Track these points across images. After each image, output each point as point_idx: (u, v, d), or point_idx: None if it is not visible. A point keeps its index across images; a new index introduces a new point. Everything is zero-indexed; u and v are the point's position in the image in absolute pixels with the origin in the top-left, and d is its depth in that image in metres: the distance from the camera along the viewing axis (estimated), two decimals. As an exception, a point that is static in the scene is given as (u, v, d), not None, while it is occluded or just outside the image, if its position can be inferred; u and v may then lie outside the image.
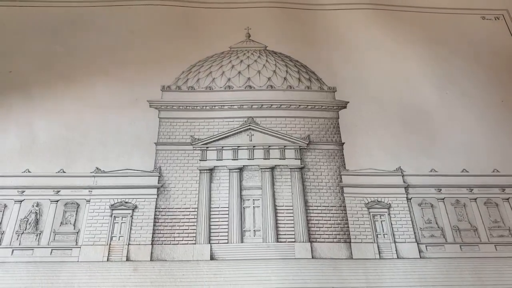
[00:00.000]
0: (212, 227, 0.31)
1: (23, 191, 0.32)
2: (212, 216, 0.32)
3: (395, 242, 0.31)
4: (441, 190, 0.34)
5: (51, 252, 0.30)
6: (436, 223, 0.32)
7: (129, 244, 0.30)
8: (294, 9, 0.41)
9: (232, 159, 0.34)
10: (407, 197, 0.33)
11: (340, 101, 0.37)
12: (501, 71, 0.40)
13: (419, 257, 0.31)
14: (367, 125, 0.35)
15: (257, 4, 0.41)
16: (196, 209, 0.32)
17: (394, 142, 0.35)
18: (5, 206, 0.31)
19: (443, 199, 0.33)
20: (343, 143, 0.35)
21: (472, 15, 0.44)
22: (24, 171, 0.32)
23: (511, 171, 0.35)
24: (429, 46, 0.40)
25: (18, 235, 0.30)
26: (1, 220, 0.30)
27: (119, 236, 0.31)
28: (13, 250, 0.30)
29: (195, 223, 0.31)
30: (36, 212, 0.32)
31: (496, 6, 0.45)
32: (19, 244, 0.30)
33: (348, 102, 0.37)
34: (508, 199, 0.33)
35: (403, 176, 0.34)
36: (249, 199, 0.33)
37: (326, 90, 0.37)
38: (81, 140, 0.33)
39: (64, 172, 0.32)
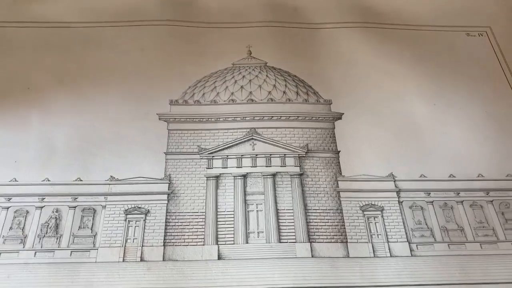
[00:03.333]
0: (219, 229, 0.34)
1: (43, 198, 0.34)
2: (219, 220, 0.34)
3: (388, 241, 0.34)
4: (430, 194, 0.36)
5: (70, 254, 0.32)
6: (426, 224, 0.35)
7: (142, 245, 0.33)
8: (292, 28, 0.44)
9: (237, 167, 0.36)
10: (398, 201, 0.36)
11: (335, 112, 0.40)
12: (484, 83, 0.43)
13: (410, 255, 0.33)
14: (361, 135, 0.38)
15: (258, 24, 0.44)
16: (204, 213, 0.34)
17: (386, 150, 0.38)
18: (27, 212, 0.33)
19: (432, 202, 0.36)
20: (339, 151, 0.37)
21: (457, 32, 0.47)
22: (44, 180, 0.35)
23: (495, 175, 0.37)
24: (418, 61, 0.43)
25: (40, 239, 0.32)
26: (24, 225, 0.33)
27: (133, 239, 0.33)
28: (35, 252, 0.32)
29: (203, 226, 0.34)
30: (56, 217, 0.34)
31: (479, 23, 0.48)
32: (41, 247, 0.32)
33: (343, 113, 0.39)
34: (492, 201, 0.36)
35: (394, 181, 0.36)
36: (252, 204, 0.35)
37: (322, 103, 0.40)
38: (96, 150, 0.36)
39: (81, 181, 0.35)
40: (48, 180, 0.34)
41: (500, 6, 0.48)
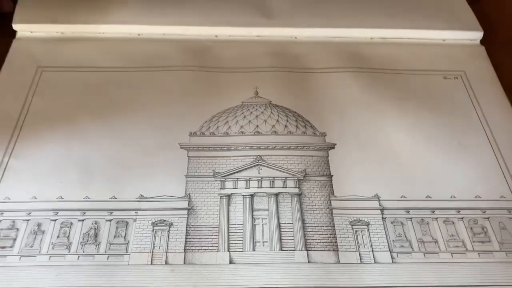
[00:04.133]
0: (230, 239, 0.40)
1: (84, 213, 0.41)
2: (230, 231, 0.40)
3: (373, 250, 0.39)
4: (409, 211, 0.42)
5: (107, 258, 0.38)
6: (405, 237, 0.40)
7: (167, 252, 0.39)
8: (292, 72, 0.51)
9: (245, 188, 0.43)
10: (382, 217, 0.42)
11: (329, 143, 0.46)
12: (458, 119, 0.49)
13: (391, 262, 0.39)
14: (350, 162, 0.45)
15: (264, 69, 0.51)
16: (217, 226, 0.41)
17: (372, 174, 0.44)
18: (71, 223, 0.40)
19: (410, 218, 0.42)
20: (332, 175, 0.44)
21: (435, 75, 0.54)
22: (85, 198, 0.41)
23: (464, 197, 0.43)
24: (400, 100, 0.50)
25: (82, 245, 0.39)
26: (69, 234, 0.39)
27: (159, 246, 0.39)
28: (79, 256, 0.38)
29: (217, 236, 0.40)
30: (95, 228, 0.41)
31: (455, 68, 0.55)
32: (83, 252, 0.38)
33: (336, 144, 0.46)
34: (462, 218, 0.42)
35: (379, 201, 0.42)
36: (258, 218, 0.42)
37: (318, 135, 0.47)
38: (128, 174, 0.43)
39: (116, 198, 0.41)
40: (88, 198, 0.41)
41: (473, 54, 0.55)
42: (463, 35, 0.57)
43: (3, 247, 0.38)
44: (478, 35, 0.56)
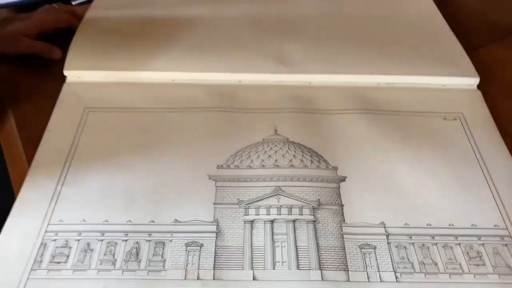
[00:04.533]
0: (253, 258, 0.45)
1: (127, 234, 0.47)
2: (253, 252, 0.45)
3: (379, 271, 0.44)
4: (411, 237, 0.47)
5: (147, 273, 0.43)
6: (408, 259, 0.45)
7: (198, 268, 0.44)
8: (308, 113, 0.57)
9: (266, 215, 0.49)
10: (387, 242, 0.47)
11: (340, 176, 0.52)
12: (456, 156, 0.54)
13: (396, 281, 0.43)
14: (359, 193, 0.50)
15: (282, 110, 0.57)
16: (242, 247, 0.46)
17: (378, 204, 0.49)
18: (116, 243, 0.46)
19: (413, 243, 0.47)
20: (343, 205, 0.49)
21: (436, 116, 0.60)
22: (127, 221, 0.47)
23: (461, 225, 0.47)
24: (404, 138, 0.55)
25: (126, 262, 0.44)
26: (114, 252, 0.45)
27: (192, 263, 0.44)
28: (123, 271, 0.44)
29: (242, 256, 0.45)
30: (136, 248, 0.46)
31: (454, 110, 0.61)
32: (126, 268, 0.44)
33: (346, 177, 0.52)
34: (459, 244, 0.46)
35: (385, 227, 0.47)
36: (278, 241, 0.47)
37: (330, 169, 0.53)
38: (164, 200, 0.48)
39: (154, 222, 0.47)
40: (130, 222, 0.47)
41: (471, 98, 0.61)
42: (462, 81, 0.63)
43: (58, 262, 0.44)
44: (475, 81, 0.63)
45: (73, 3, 0.78)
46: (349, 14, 0.75)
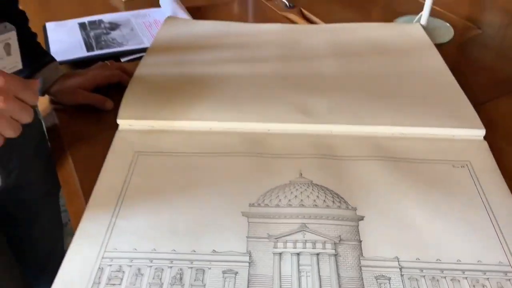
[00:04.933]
0: (282, 286, 0.51)
1: (172, 262, 0.53)
2: (282, 280, 0.51)
3: (393, 299, 0.50)
4: (422, 271, 0.52)
5: (189, 297, 0.50)
6: (420, 291, 0.51)
7: (234, 293, 0.50)
8: (329, 159, 0.65)
9: (293, 248, 0.55)
10: (400, 274, 0.52)
11: (359, 215, 0.58)
12: (464, 200, 0.58)
13: (409, 310, 0.49)
14: (376, 230, 0.56)
15: (307, 156, 0.64)
16: (272, 276, 0.51)
17: (393, 240, 0.55)
18: (162, 269, 0.52)
19: (424, 276, 0.52)
20: (361, 240, 0.55)
21: (445, 164, 0.66)
22: (172, 250, 0.54)
23: (468, 261, 0.52)
24: (416, 182, 0.61)
25: (171, 285, 0.50)
26: (161, 277, 0.52)
27: (228, 288, 0.51)
28: (168, 294, 0.50)
29: (272, 283, 0.51)
30: (180, 274, 0.52)
31: (462, 158, 0.67)
32: (172, 291, 0.50)
33: (364, 216, 0.58)
34: (466, 278, 0.51)
35: (398, 261, 0.53)
36: (303, 271, 0.53)
37: (350, 209, 0.59)
38: (204, 233, 0.55)
39: (195, 252, 0.54)
40: (174, 251, 0.53)
41: (477, 147, 0.67)
42: (469, 132, 0.70)
43: (113, 284, 0.51)
44: (481, 132, 0.70)
45: (122, 60, 0.89)
46: (366, 71, 0.84)
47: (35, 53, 0.62)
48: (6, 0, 0.60)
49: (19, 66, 0.55)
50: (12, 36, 0.51)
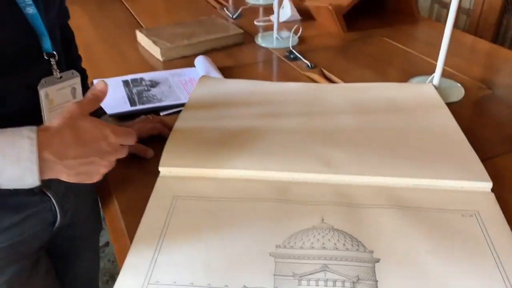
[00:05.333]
0: (306, 318, 0.57)
1: (208, 294, 0.60)
2: (305, 313, 0.57)
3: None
4: (434, 309, 0.57)
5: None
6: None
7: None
8: (349, 207, 0.72)
9: (315, 286, 0.60)
10: (414, 312, 0.57)
11: (375, 258, 0.64)
12: (472, 247, 0.64)
13: None
14: (391, 272, 0.60)
15: (328, 203, 0.70)
16: (297, 310, 0.58)
17: (406, 281, 0.58)
18: (199, 300, 0.59)
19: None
20: (377, 280, 0.60)
21: (455, 213, 0.72)
22: (207, 284, 0.60)
23: None
24: (428, 229, 0.67)
25: None
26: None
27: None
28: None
29: (297, 316, 0.57)
30: None
31: (471, 208, 0.72)
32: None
33: (380, 259, 0.64)
34: None
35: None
36: (325, 306, 0.59)
37: (367, 252, 0.65)
38: (235, 269, 0.61)
39: (227, 286, 0.61)
40: (209, 285, 0.60)
41: (485, 198, 0.73)
42: (477, 184, 0.76)
43: (158, 312, 0.58)
44: (489, 185, 0.76)
45: (162, 114, 1.00)
46: (382, 127, 0.93)
47: None
48: (74, 58, 0.73)
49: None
50: (77, 82, 0.61)
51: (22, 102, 0.53)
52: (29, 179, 0.43)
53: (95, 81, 1.05)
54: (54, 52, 0.54)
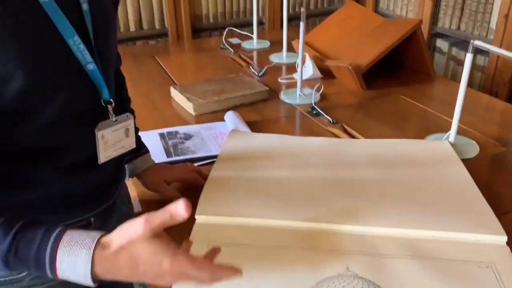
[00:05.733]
0: None
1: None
2: None
3: None
4: None
5: None
6: None
7: None
8: (371, 256, 0.77)
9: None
10: None
11: None
12: (486, 277, 0.70)
13: None
14: None
15: (352, 252, 0.75)
16: None
17: None
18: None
19: None
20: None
21: (471, 264, 0.75)
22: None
23: None
24: (445, 280, 0.72)
25: None
26: None
27: None
28: None
29: None
30: None
31: (486, 260, 0.75)
32: None
33: None
34: None
35: None
36: None
37: (389, 299, 0.70)
38: None
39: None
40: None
41: (500, 251, 0.78)
42: (493, 238, 0.81)
43: None
44: (504, 238, 0.81)
45: (195, 165, 1.08)
46: (401, 182, 0.99)
47: (138, 142, 0.81)
48: (125, 100, 0.84)
49: (133, 145, 0.71)
50: (131, 123, 0.67)
51: (83, 146, 0.60)
52: (84, 282, 0.49)
53: (180, 202, 1.15)
54: (111, 100, 0.60)
